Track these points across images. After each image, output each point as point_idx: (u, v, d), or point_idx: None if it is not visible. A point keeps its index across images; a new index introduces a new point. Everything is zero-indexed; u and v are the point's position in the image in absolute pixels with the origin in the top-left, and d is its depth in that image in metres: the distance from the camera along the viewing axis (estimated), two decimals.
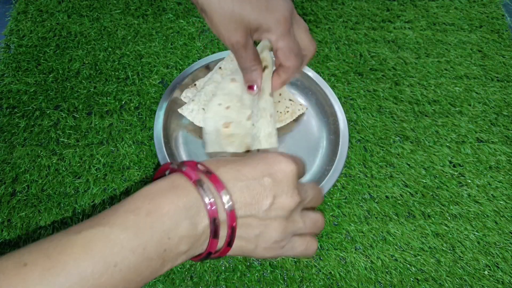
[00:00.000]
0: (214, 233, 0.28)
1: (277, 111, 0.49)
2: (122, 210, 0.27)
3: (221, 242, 0.29)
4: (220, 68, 0.49)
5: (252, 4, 0.38)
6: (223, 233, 0.28)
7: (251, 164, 0.30)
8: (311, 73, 0.52)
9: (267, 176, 0.30)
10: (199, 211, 0.27)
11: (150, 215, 0.26)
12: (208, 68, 0.51)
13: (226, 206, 0.28)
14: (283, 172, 0.30)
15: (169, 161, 0.45)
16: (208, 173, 0.29)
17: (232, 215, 0.28)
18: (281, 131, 0.49)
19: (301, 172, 0.34)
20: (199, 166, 0.29)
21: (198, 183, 0.28)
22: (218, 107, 0.45)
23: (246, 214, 0.29)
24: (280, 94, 0.49)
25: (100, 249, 0.24)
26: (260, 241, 0.30)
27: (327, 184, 0.44)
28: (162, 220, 0.26)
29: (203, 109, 0.47)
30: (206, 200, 0.27)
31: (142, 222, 0.26)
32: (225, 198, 0.28)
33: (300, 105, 0.50)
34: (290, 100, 0.50)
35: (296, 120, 0.50)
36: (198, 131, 0.48)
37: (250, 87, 0.44)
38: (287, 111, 0.49)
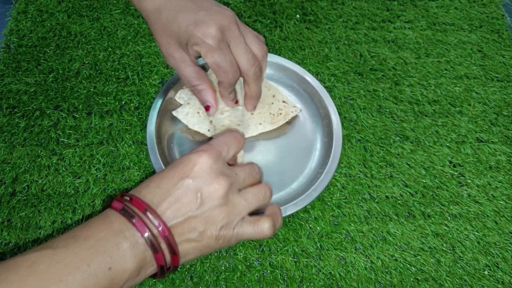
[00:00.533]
0: (153, 248, 0.30)
1: (270, 113, 0.49)
2: (63, 237, 0.29)
3: (168, 254, 0.31)
4: None
5: (185, 17, 0.38)
6: (164, 245, 0.30)
7: (168, 174, 0.33)
8: (307, 76, 0.51)
9: (185, 177, 0.32)
10: (133, 233, 0.29)
11: (88, 238, 0.29)
12: (204, 68, 0.51)
13: (153, 221, 0.30)
14: (198, 166, 0.32)
15: (161, 162, 0.45)
16: (131, 199, 0.31)
17: (162, 227, 0.30)
18: (275, 133, 0.49)
19: (227, 153, 0.35)
20: (124, 196, 0.32)
21: (123, 211, 0.30)
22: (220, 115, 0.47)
23: (181, 219, 0.31)
24: (273, 96, 0.49)
25: (44, 267, 0.27)
26: (208, 235, 0.32)
27: (319, 186, 0.44)
28: (100, 242, 0.29)
29: (198, 112, 0.47)
30: (133, 221, 0.30)
31: (82, 244, 0.28)
32: (150, 215, 0.30)
33: (294, 106, 0.50)
34: (284, 102, 0.50)
35: (290, 122, 0.50)
36: (191, 132, 0.48)
37: (206, 108, 0.43)
38: (280, 113, 0.49)
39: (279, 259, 0.43)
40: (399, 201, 0.47)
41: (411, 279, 0.43)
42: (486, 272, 0.43)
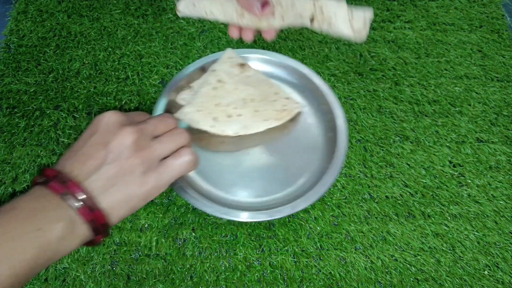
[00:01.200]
0: (72, 205, 0.30)
1: (274, 110, 0.48)
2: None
3: (91, 210, 0.31)
4: (213, 70, 0.49)
5: None
6: (84, 202, 0.31)
7: (79, 137, 0.34)
8: (308, 73, 0.52)
9: (92, 134, 0.34)
10: (53, 196, 0.30)
11: (14, 209, 0.30)
12: (203, 70, 0.51)
13: (66, 181, 0.31)
14: (103, 121, 0.34)
15: None
16: (46, 169, 0.32)
17: (74, 184, 0.31)
18: (278, 131, 0.49)
19: (145, 127, 0.36)
20: (44, 169, 0.33)
21: (41, 181, 0.32)
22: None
23: (97, 174, 0.32)
24: (276, 93, 0.49)
25: None
26: (130, 183, 0.33)
27: (327, 181, 0.44)
28: (25, 211, 0.30)
29: (198, 110, 0.47)
30: (48, 185, 0.31)
31: (8, 215, 0.29)
32: (62, 176, 0.31)
33: (297, 103, 0.50)
34: (287, 98, 0.50)
35: (293, 119, 0.50)
36: (195, 131, 0.48)
37: (264, 4, 0.39)
38: (284, 109, 0.49)
39: (279, 259, 0.43)
40: (399, 201, 0.47)
41: (411, 279, 0.43)
42: (486, 272, 0.43)
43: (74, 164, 0.32)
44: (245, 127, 0.46)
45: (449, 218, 0.46)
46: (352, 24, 0.40)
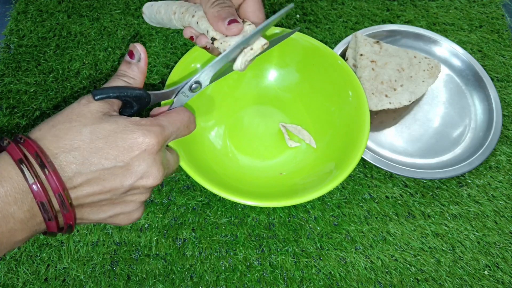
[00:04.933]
0: (37, 197, 0.26)
1: (424, 70, 0.51)
2: None
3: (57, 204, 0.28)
4: (361, 54, 0.51)
5: None
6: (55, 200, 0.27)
7: (103, 135, 0.29)
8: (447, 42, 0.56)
9: (119, 159, 0.29)
10: (19, 178, 0.26)
11: None
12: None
13: (42, 167, 0.26)
14: (140, 146, 0.29)
15: None
16: (24, 140, 0.27)
17: (57, 178, 0.26)
18: (429, 98, 0.54)
19: (170, 138, 0.32)
20: (19, 137, 0.27)
21: (11, 151, 0.27)
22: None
23: (95, 196, 0.29)
24: (415, 57, 0.52)
25: None
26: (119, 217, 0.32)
27: (492, 141, 0.48)
28: None
29: (372, 94, 0.49)
30: (21, 165, 0.26)
31: None
32: (43, 160, 0.26)
33: (434, 59, 0.54)
34: (426, 58, 0.53)
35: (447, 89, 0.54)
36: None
37: (232, 22, 0.35)
38: (432, 67, 0.51)
39: (279, 259, 0.43)
40: (399, 201, 0.47)
41: (411, 279, 0.43)
42: (486, 272, 0.43)
43: (74, 164, 0.27)
44: (413, 93, 0.50)
45: (449, 218, 0.46)
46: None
